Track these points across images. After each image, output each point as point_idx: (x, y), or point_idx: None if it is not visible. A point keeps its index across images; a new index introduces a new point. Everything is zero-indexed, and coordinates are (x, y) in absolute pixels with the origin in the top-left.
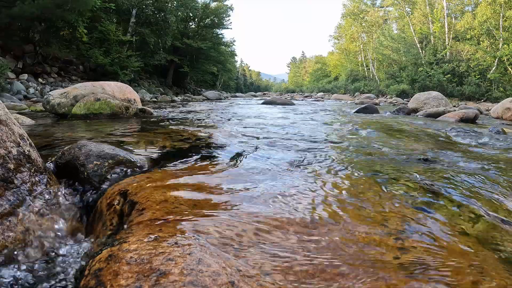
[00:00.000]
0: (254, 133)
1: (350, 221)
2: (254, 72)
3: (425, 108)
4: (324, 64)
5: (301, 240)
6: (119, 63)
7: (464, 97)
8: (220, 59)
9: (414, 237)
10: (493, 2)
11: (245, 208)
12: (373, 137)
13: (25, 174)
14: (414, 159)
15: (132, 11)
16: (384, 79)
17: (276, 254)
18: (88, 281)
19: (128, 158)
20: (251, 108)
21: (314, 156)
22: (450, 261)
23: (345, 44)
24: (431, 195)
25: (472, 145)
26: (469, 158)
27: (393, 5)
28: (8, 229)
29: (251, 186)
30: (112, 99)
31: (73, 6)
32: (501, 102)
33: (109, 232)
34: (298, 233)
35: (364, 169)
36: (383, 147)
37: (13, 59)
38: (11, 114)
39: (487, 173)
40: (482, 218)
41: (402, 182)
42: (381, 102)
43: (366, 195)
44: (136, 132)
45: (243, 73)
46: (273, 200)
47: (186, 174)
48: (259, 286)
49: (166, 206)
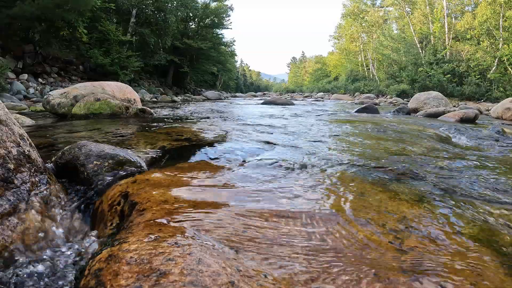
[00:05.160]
0: (254, 133)
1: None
2: (254, 72)
3: (425, 108)
4: (324, 64)
5: (295, 228)
6: (119, 63)
7: (464, 97)
8: (220, 59)
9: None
10: (493, 2)
11: (246, 208)
12: (373, 138)
13: (25, 174)
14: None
15: (132, 11)
16: (384, 79)
17: (276, 255)
18: (88, 281)
19: (128, 158)
20: (251, 108)
21: (310, 157)
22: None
23: (345, 44)
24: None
25: (472, 145)
26: (468, 158)
27: (393, 5)
28: (8, 229)
29: (251, 186)
30: (112, 99)
31: (73, 6)
32: (501, 102)
33: (109, 232)
34: (296, 227)
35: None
36: (384, 147)
37: (13, 59)
38: (11, 114)
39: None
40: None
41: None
42: (381, 102)
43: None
44: (136, 132)
45: (243, 73)
46: (273, 200)
47: (186, 174)
48: (259, 286)
49: (166, 206)
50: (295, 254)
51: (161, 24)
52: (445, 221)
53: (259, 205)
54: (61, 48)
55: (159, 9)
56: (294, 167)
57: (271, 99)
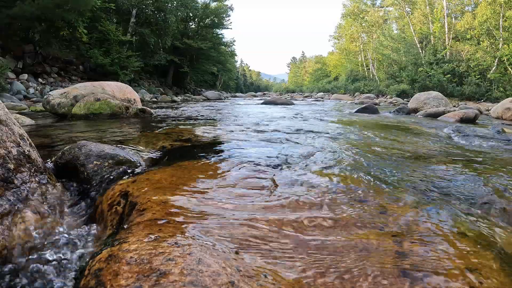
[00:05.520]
0: (254, 133)
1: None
2: (254, 72)
3: (425, 108)
4: (324, 64)
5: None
6: (119, 63)
7: (464, 97)
8: (220, 59)
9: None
10: (493, 2)
11: (246, 208)
12: (373, 138)
13: (25, 174)
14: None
15: (132, 11)
16: (384, 79)
17: (277, 255)
18: (88, 281)
19: (128, 158)
20: (251, 108)
21: (310, 157)
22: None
23: (345, 44)
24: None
25: (472, 145)
26: (467, 158)
27: (393, 5)
28: (8, 229)
29: (251, 185)
30: (112, 99)
31: (73, 6)
32: (501, 102)
33: (109, 232)
34: (295, 221)
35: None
36: (384, 147)
37: (13, 59)
38: (11, 114)
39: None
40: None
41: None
42: (381, 102)
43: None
44: (136, 132)
45: (243, 73)
46: (274, 200)
47: (187, 174)
48: (259, 286)
49: (166, 206)
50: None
51: (161, 24)
52: (441, 222)
53: (259, 204)
54: (61, 48)
55: (159, 9)
56: (294, 167)
57: (271, 99)
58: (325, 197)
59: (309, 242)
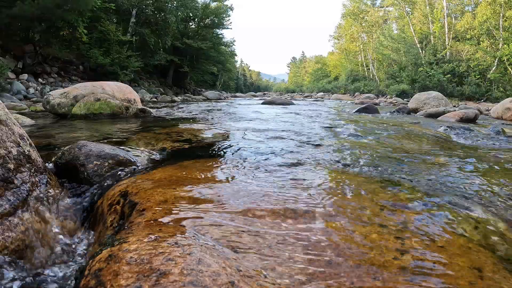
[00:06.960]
0: (254, 133)
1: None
2: (254, 72)
3: (425, 108)
4: (324, 64)
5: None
6: (119, 63)
7: (464, 97)
8: (220, 59)
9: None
10: (493, 2)
11: (247, 207)
12: (372, 137)
13: (25, 174)
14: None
15: (132, 11)
16: (384, 79)
17: (276, 255)
18: (88, 281)
19: (128, 158)
20: (251, 108)
21: (306, 157)
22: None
23: (345, 44)
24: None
25: (472, 145)
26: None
27: (393, 5)
28: (8, 229)
29: (252, 185)
30: (112, 99)
31: (73, 6)
32: (501, 102)
33: (109, 232)
34: (291, 219)
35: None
36: (384, 147)
37: (13, 59)
38: (11, 114)
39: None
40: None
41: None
42: (381, 102)
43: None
44: (136, 132)
45: (243, 73)
46: (274, 200)
47: (187, 174)
48: (259, 286)
49: (166, 206)
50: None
51: (161, 24)
52: (440, 220)
53: (260, 204)
54: (61, 48)
55: (159, 9)
56: (294, 167)
57: (271, 99)
58: (321, 194)
59: (307, 239)
